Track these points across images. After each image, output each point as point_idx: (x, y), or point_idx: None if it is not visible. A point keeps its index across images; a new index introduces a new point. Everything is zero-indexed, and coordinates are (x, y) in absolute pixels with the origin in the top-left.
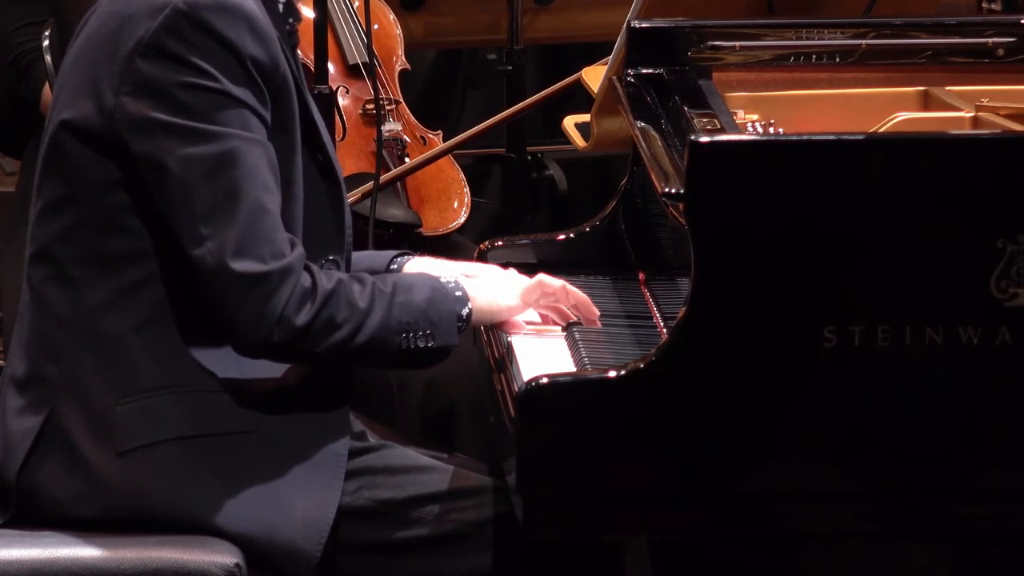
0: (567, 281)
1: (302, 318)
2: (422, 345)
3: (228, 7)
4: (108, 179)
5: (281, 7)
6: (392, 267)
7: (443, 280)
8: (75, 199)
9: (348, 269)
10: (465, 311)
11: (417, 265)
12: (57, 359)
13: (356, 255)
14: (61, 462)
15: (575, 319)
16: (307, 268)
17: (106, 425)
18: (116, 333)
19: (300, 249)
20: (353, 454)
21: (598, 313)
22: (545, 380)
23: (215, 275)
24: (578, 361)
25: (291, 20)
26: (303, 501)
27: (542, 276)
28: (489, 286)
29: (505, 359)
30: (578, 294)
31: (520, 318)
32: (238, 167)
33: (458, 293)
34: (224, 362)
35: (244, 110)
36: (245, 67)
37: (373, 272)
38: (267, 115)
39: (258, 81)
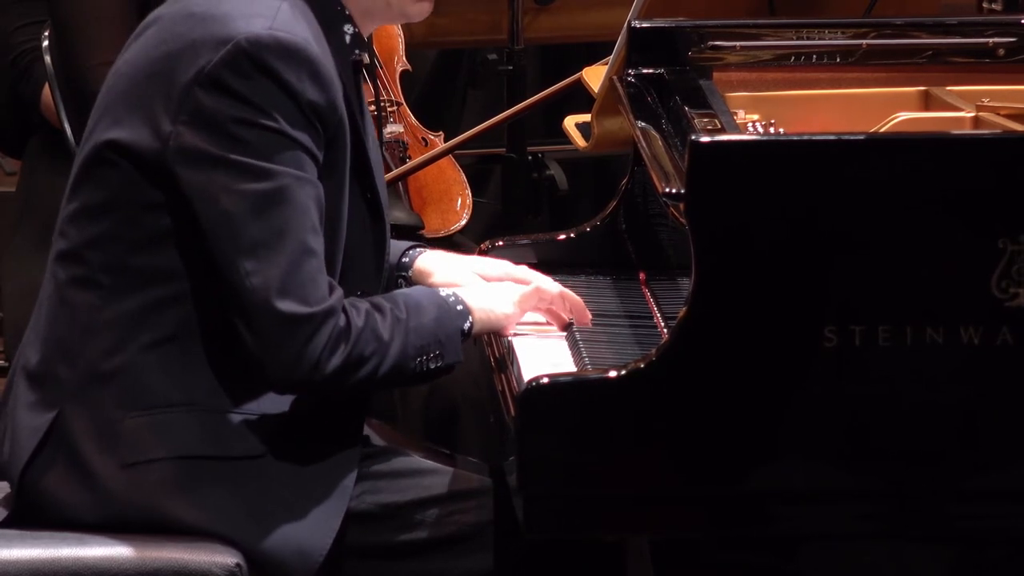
0: (567, 281)
1: (337, 360)
2: (432, 366)
3: (291, 50)
4: (150, 200)
5: (348, 38)
6: (404, 259)
7: (443, 295)
8: (113, 210)
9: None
10: (467, 325)
11: (428, 259)
12: (72, 363)
13: None
14: (66, 468)
15: (570, 322)
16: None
17: (113, 436)
18: (135, 347)
19: (339, 291)
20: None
21: (591, 318)
22: (546, 380)
23: (257, 312)
24: (579, 361)
25: (357, 51)
26: (303, 528)
27: (539, 282)
28: (485, 295)
29: (506, 359)
30: (573, 297)
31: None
32: (288, 206)
33: (460, 307)
34: (240, 386)
35: (298, 150)
36: (303, 112)
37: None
38: (320, 156)
39: (315, 125)
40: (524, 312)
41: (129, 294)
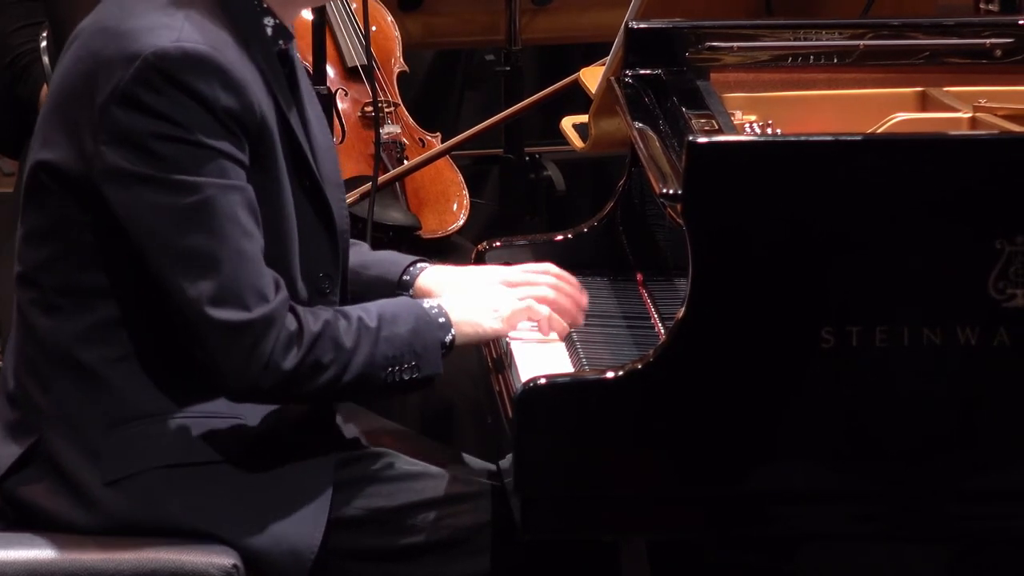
0: None
1: (289, 363)
2: (407, 377)
3: (198, 60)
4: (85, 220)
5: (270, 30)
6: (405, 277)
7: (426, 306)
8: (56, 233)
9: (345, 284)
10: (448, 338)
11: (431, 275)
12: (45, 389)
13: (373, 256)
14: (54, 485)
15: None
16: (293, 310)
17: (96, 453)
18: (103, 364)
19: (284, 292)
20: (346, 463)
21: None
22: (543, 381)
23: (197, 325)
24: (576, 362)
25: (280, 42)
26: (290, 527)
27: (532, 301)
28: (473, 308)
29: (503, 360)
30: (562, 324)
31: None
32: (216, 216)
33: (441, 320)
34: (209, 393)
35: (220, 159)
36: (218, 119)
37: (385, 280)
38: (245, 158)
39: (233, 130)
40: (512, 329)
41: (87, 313)
